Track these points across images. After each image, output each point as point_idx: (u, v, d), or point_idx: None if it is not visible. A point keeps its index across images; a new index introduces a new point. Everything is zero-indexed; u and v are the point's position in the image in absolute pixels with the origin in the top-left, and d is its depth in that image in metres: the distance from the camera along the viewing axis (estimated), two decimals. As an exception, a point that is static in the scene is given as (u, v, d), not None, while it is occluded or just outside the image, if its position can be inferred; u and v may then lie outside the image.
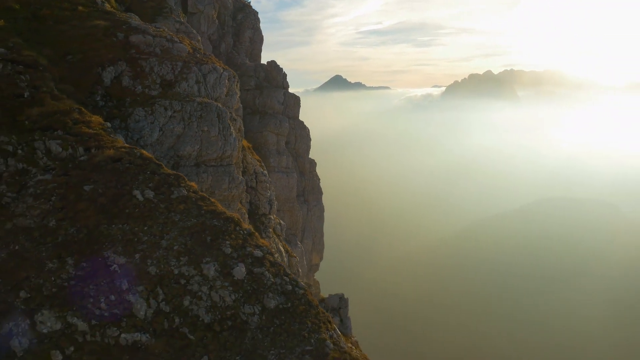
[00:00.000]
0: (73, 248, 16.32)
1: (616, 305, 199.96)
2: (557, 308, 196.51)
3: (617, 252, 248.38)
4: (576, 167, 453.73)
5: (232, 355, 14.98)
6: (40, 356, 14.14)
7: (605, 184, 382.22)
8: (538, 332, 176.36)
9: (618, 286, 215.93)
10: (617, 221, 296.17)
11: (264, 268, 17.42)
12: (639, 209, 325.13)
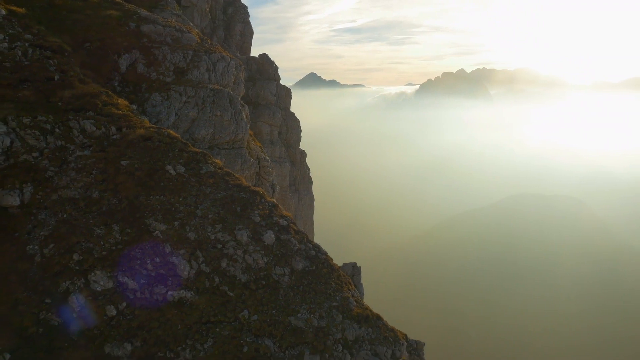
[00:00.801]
0: (117, 216, 17.75)
1: (583, 298, 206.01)
2: (527, 302, 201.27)
3: (584, 246, 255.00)
4: (545, 164, 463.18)
5: (268, 309, 16.63)
6: (96, 311, 15.59)
7: (572, 180, 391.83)
8: (510, 328, 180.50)
9: (585, 279, 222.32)
10: (583, 216, 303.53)
11: (289, 235, 19.10)
12: (605, 204, 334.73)
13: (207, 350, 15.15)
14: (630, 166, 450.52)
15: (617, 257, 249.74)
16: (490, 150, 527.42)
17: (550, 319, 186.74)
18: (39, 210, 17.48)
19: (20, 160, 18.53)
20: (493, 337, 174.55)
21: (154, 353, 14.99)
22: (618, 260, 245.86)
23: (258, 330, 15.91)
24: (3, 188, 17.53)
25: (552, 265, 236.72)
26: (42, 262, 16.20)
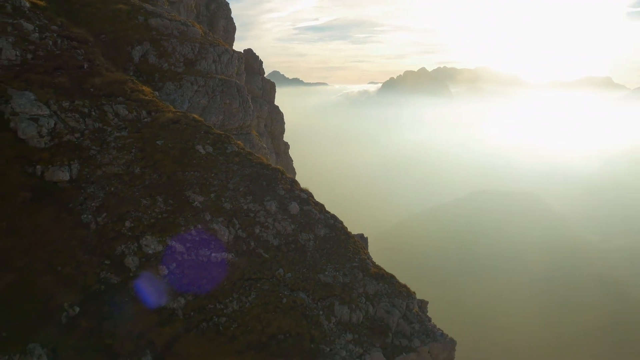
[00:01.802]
0: (159, 189, 19.71)
1: (542, 292, 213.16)
2: (489, 298, 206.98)
3: (542, 240, 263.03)
4: (505, 160, 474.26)
5: (299, 268, 18.90)
6: (150, 270, 17.57)
7: (531, 177, 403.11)
8: (471, 325, 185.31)
9: (543, 273, 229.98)
10: (542, 211, 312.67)
11: (310, 206, 21.40)
12: (561, 199, 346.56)
13: (251, 302, 17.33)
14: (585, 162, 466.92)
15: (573, 250, 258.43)
16: (452, 147, 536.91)
17: (511, 314, 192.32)
18: (87, 185, 19.28)
19: (64, 140, 20.25)
20: (453, 334, 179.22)
21: (205, 305, 17.08)
22: (575, 254, 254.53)
23: (293, 285, 18.17)
24: (53, 165, 19.25)
25: (513, 260, 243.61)
26: (98, 229, 18.06)
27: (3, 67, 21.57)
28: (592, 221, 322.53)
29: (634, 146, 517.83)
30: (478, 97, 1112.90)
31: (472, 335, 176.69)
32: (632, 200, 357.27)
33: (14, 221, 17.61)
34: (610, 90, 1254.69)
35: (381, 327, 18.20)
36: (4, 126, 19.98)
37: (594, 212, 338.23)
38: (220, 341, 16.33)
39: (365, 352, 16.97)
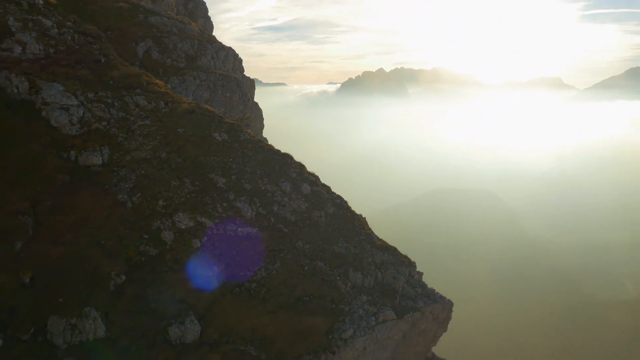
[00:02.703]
0: (185, 172, 21.59)
1: (499, 287, 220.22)
2: (445, 293, 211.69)
3: (498, 237, 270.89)
4: (462, 159, 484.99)
5: (315, 241, 21.13)
6: (183, 244, 19.48)
7: (487, 175, 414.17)
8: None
9: (499, 269, 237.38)
10: (498, 209, 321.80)
11: (319, 187, 23.66)
12: (517, 197, 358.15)
13: (277, 270, 19.46)
14: (538, 161, 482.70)
15: (529, 246, 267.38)
16: (410, 147, 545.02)
17: (469, 310, 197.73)
18: (119, 168, 20.99)
19: (93, 128, 21.88)
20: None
21: (237, 273, 19.11)
22: (530, 250, 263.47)
23: (311, 255, 20.37)
24: (86, 150, 20.89)
25: (471, 256, 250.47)
26: (134, 207, 19.83)
27: (29, 60, 22.99)
28: (546, 217, 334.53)
29: (584, 144, 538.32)
30: (435, 97, 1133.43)
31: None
32: (583, 196, 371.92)
33: (57, 201, 19.23)
34: (560, 91, 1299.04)
35: (389, 290, 20.61)
36: (36, 115, 21.48)
37: (548, 209, 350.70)
38: (253, 303, 18.40)
39: (378, 311, 19.33)
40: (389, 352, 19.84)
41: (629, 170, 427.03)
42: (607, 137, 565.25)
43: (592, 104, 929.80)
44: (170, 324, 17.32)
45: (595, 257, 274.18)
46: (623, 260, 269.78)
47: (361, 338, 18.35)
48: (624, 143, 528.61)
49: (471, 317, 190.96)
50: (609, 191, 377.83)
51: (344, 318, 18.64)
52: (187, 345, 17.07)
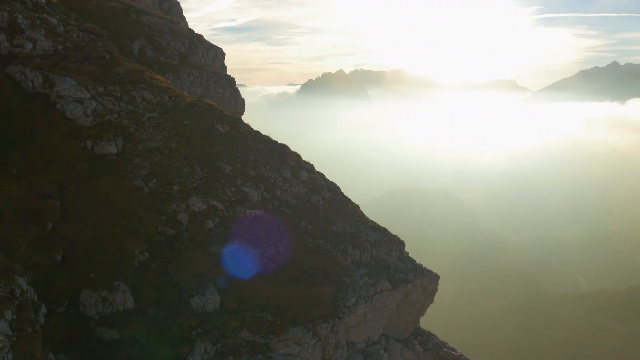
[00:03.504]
0: (195, 160, 23.32)
1: (457, 284, 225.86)
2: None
3: (457, 235, 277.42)
4: (421, 160, 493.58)
5: (316, 221, 23.21)
6: (198, 225, 21.23)
7: (445, 175, 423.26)
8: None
9: (458, 267, 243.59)
10: (456, 208, 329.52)
11: (315, 174, 25.75)
12: (474, 196, 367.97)
13: (284, 246, 21.44)
14: (494, 161, 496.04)
15: (486, 244, 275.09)
16: (369, 148, 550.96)
17: (429, 311, 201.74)
18: (133, 157, 22.55)
19: (105, 119, 23.36)
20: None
21: (249, 249, 20.99)
22: (487, 247, 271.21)
23: (314, 234, 22.44)
24: (101, 140, 22.39)
25: (429, 255, 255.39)
26: (150, 192, 21.46)
27: (39, 56, 24.27)
28: (503, 216, 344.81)
29: (538, 145, 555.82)
30: (395, 99, 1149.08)
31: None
32: (536, 195, 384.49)
33: (79, 186, 20.72)
34: (515, 92, 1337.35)
35: (383, 265, 22.87)
36: (51, 107, 22.83)
37: (504, 208, 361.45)
38: (266, 277, 20.32)
39: (376, 282, 21.55)
40: (384, 320, 22.06)
41: (580, 169, 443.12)
42: (559, 137, 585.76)
43: (544, 105, 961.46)
44: (192, 295, 19.08)
45: (549, 253, 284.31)
46: (576, 257, 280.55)
47: (362, 305, 20.53)
48: (576, 143, 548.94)
49: (431, 315, 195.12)
50: (562, 190, 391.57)
51: (346, 288, 20.78)
52: (209, 314, 18.87)
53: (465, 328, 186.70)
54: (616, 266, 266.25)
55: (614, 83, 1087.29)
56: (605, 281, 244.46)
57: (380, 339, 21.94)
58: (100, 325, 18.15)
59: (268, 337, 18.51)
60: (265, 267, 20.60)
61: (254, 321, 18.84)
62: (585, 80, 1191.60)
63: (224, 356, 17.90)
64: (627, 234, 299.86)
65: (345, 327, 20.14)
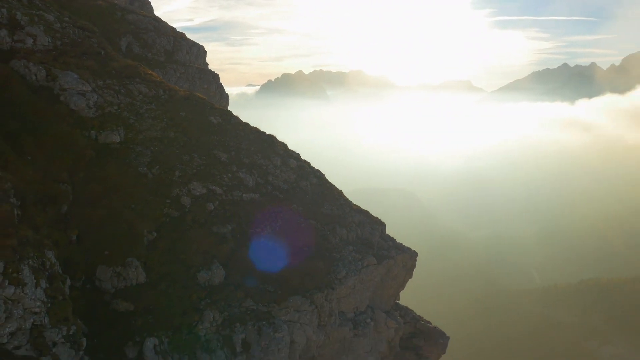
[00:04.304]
0: (192, 148, 25.03)
1: (416, 283, 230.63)
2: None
3: (416, 234, 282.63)
4: (379, 160, 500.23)
5: (306, 204, 25.26)
6: (200, 207, 22.99)
7: (404, 174, 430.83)
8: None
9: (417, 267, 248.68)
10: (414, 207, 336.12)
11: (302, 162, 27.81)
12: (432, 195, 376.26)
13: (279, 227, 23.42)
14: (451, 160, 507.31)
15: (444, 241, 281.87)
16: (329, 148, 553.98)
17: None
18: (135, 145, 24.11)
19: (107, 111, 24.83)
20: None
21: (246, 230, 22.89)
22: (445, 245, 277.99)
23: (305, 215, 24.49)
24: (104, 130, 23.87)
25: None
26: (154, 178, 23.09)
27: (40, 51, 25.50)
28: (459, 214, 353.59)
29: (493, 144, 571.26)
30: (354, 99, 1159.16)
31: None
32: (492, 193, 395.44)
33: (88, 173, 22.19)
34: (470, 93, 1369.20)
35: (368, 243, 25.12)
36: (55, 99, 24.15)
37: (460, 206, 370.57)
38: (265, 253, 22.26)
39: (363, 258, 23.78)
40: (370, 292, 24.31)
41: (534, 168, 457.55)
42: (514, 137, 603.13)
43: (499, 105, 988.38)
44: (198, 270, 20.88)
45: (505, 250, 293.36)
46: (530, 252, 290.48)
47: (352, 278, 22.72)
48: (530, 142, 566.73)
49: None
50: (517, 188, 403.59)
51: (337, 263, 22.93)
52: (215, 287, 20.71)
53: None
54: (568, 261, 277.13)
55: (565, 84, 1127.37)
56: (559, 276, 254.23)
57: (367, 310, 24.17)
58: (115, 298, 19.74)
59: (270, 306, 20.49)
60: (263, 245, 22.54)
61: (257, 292, 20.78)
62: (537, 82, 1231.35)
63: (231, 323, 19.78)
64: (578, 230, 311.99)
65: (337, 298, 22.27)
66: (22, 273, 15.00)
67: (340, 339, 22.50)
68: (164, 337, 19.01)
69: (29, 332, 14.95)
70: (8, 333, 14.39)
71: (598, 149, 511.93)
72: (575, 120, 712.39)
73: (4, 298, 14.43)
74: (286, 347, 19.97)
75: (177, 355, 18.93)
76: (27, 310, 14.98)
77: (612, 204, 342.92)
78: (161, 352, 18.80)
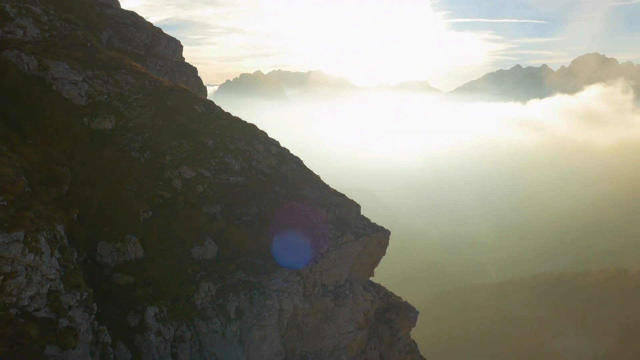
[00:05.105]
0: (180, 135, 26.53)
1: (378, 279, 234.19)
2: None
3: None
4: (339, 160, 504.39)
5: (287, 187, 27.10)
6: (190, 189, 24.57)
7: (363, 174, 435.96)
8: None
9: (379, 265, 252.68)
10: (375, 206, 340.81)
11: (283, 149, 29.62)
12: (391, 194, 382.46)
13: (265, 206, 25.20)
14: (409, 160, 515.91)
15: (404, 240, 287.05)
16: (288, 148, 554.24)
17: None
18: (126, 132, 25.48)
19: (97, 100, 26.09)
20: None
21: (234, 209, 24.60)
22: (405, 243, 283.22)
23: (287, 197, 26.33)
24: (97, 117, 25.15)
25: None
26: (146, 161, 24.53)
27: (30, 42, 26.54)
28: (418, 212, 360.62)
29: (450, 144, 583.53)
30: (313, 100, 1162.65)
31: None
32: (450, 192, 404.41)
33: (85, 156, 23.46)
34: (427, 93, 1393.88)
35: (346, 222, 27.16)
36: (48, 88, 25.28)
37: (419, 204, 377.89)
38: (252, 230, 24.02)
39: (342, 235, 25.80)
40: (348, 267, 26.33)
41: (490, 166, 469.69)
42: (470, 137, 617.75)
43: (456, 106, 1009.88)
44: (192, 246, 22.50)
45: (462, 246, 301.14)
46: (486, 249, 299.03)
47: (333, 252, 24.72)
48: (485, 141, 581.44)
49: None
50: (473, 186, 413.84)
51: (319, 239, 24.86)
52: (208, 261, 22.38)
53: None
54: (523, 256, 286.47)
55: (518, 85, 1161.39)
56: (513, 271, 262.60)
57: (346, 283, 26.21)
58: (116, 272, 21.18)
59: (260, 277, 22.28)
60: (250, 223, 24.31)
61: (247, 265, 22.55)
62: (492, 82, 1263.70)
63: (225, 293, 21.50)
64: (532, 226, 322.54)
65: (319, 270, 24.23)
66: (39, 242, 16.37)
67: (323, 308, 24.45)
68: (163, 307, 20.58)
69: (46, 296, 16.30)
70: (29, 297, 15.72)
71: (549, 147, 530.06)
72: (527, 120, 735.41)
73: (25, 264, 15.78)
74: (276, 314, 21.82)
75: (176, 323, 20.52)
76: (44, 276, 16.34)
77: (563, 201, 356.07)
78: (161, 320, 20.36)
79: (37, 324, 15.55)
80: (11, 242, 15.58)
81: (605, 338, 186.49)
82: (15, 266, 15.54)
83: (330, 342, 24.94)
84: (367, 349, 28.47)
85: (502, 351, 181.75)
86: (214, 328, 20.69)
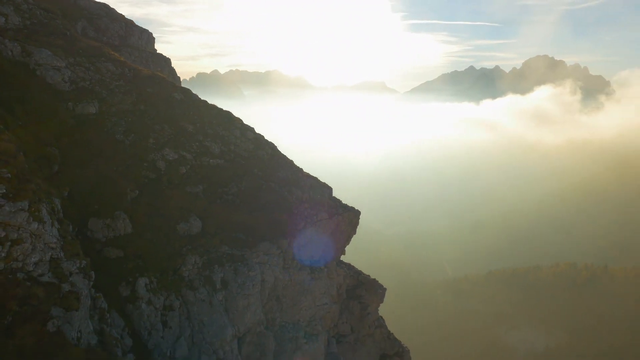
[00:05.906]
0: (162, 120, 27.75)
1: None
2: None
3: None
4: (297, 160, 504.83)
5: (265, 169, 28.68)
6: (173, 170, 25.88)
7: (322, 174, 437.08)
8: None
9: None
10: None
11: (258, 134, 31.18)
12: (350, 193, 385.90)
13: (244, 186, 26.73)
14: (367, 159, 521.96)
15: (363, 239, 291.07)
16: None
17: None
18: (109, 116, 26.55)
19: (80, 86, 27.06)
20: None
21: (215, 189, 26.04)
22: (364, 242, 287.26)
23: (265, 179, 27.92)
24: (81, 102, 26.15)
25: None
26: (131, 143, 25.69)
27: (12, 29, 27.26)
28: (376, 211, 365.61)
29: (406, 143, 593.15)
30: (271, 99, 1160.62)
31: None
32: (407, 190, 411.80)
33: (72, 139, 24.47)
34: (384, 94, 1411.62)
35: (320, 202, 28.96)
36: (32, 74, 26.11)
37: (377, 204, 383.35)
38: (233, 208, 25.53)
39: (317, 213, 27.58)
40: (323, 244, 28.12)
41: (445, 166, 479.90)
42: (425, 136, 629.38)
43: (412, 106, 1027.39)
44: (178, 222, 23.83)
45: (419, 245, 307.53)
46: (443, 246, 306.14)
47: (309, 229, 26.48)
48: (440, 141, 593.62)
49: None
50: (429, 185, 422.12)
51: (296, 216, 26.57)
52: (193, 236, 23.77)
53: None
54: (477, 253, 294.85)
55: (471, 86, 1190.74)
56: (469, 267, 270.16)
57: (320, 259, 27.99)
58: (106, 246, 22.31)
59: (243, 250, 23.83)
60: (231, 202, 25.80)
61: (231, 239, 24.04)
62: (447, 83, 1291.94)
63: (210, 265, 22.96)
64: (485, 224, 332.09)
65: (297, 245, 25.94)
66: (41, 213, 17.51)
67: (300, 281, 26.15)
68: (153, 278, 21.88)
69: (49, 263, 17.45)
70: (33, 262, 16.87)
71: (501, 146, 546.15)
72: (481, 120, 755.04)
73: (30, 232, 16.92)
74: (259, 284, 23.42)
75: (165, 293, 21.86)
76: (46, 244, 17.50)
77: (514, 198, 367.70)
78: (151, 290, 21.66)
79: (42, 287, 16.68)
80: (17, 211, 16.65)
81: (557, 330, 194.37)
82: (21, 233, 16.64)
83: (307, 312, 26.65)
84: (339, 322, 30.36)
85: (462, 347, 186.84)
86: (201, 297, 22.12)
